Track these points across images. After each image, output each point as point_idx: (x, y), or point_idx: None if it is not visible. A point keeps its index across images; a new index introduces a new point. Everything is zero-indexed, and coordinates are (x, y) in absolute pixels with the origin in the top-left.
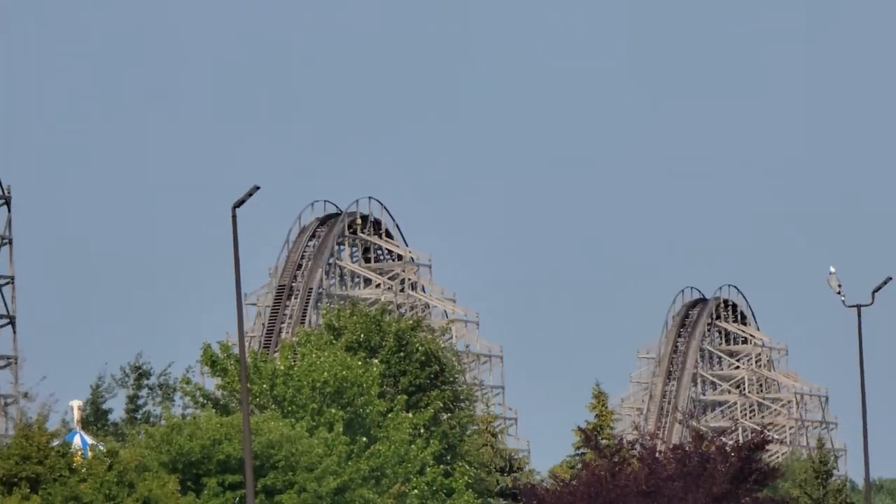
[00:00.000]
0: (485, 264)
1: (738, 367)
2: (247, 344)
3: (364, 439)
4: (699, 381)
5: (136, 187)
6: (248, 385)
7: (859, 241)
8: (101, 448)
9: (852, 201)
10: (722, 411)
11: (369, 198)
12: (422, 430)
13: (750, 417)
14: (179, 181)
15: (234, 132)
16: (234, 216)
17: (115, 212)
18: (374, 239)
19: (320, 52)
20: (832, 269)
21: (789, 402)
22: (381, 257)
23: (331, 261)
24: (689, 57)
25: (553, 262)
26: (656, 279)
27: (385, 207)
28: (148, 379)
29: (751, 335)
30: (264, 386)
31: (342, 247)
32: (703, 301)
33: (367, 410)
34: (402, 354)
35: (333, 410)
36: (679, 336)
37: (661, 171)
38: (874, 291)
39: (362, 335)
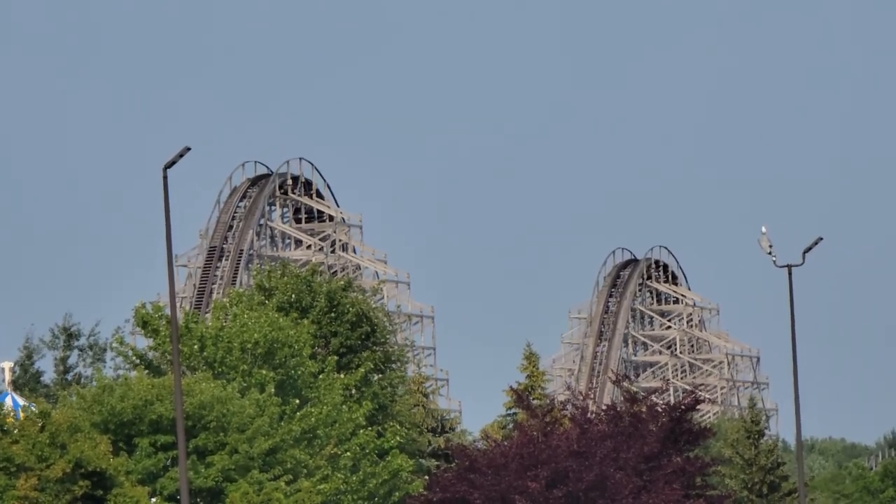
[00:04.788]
0: (416, 225)
1: (669, 328)
2: (178, 305)
3: (296, 400)
4: (630, 341)
5: (65, 147)
6: (179, 346)
7: (790, 201)
8: (33, 409)
9: (783, 162)
10: (653, 371)
11: (300, 158)
12: (353, 391)
13: (681, 377)
14: (110, 142)
15: (165, 93)
16: (164, 177)
17: (43, 172)
18: (305, 199)
19: (250, 12)
20: (763, 230)
21: (721, 362)
22: (312, 218)
23: (262, 222)
24: (618, 17)
25: (484, 223)
26: (588, 240)
27: (316, 168)
28: (78, 340)
29: (682, 295)
30: (195, 347)
31: (273, 207)
32: (634, 261)
33: (299, 371)
34: (333, 315)
35: (265, 371)
36: (610, 296)
37: (592, 132)
38: (805, 252)
39: (293, 296)
